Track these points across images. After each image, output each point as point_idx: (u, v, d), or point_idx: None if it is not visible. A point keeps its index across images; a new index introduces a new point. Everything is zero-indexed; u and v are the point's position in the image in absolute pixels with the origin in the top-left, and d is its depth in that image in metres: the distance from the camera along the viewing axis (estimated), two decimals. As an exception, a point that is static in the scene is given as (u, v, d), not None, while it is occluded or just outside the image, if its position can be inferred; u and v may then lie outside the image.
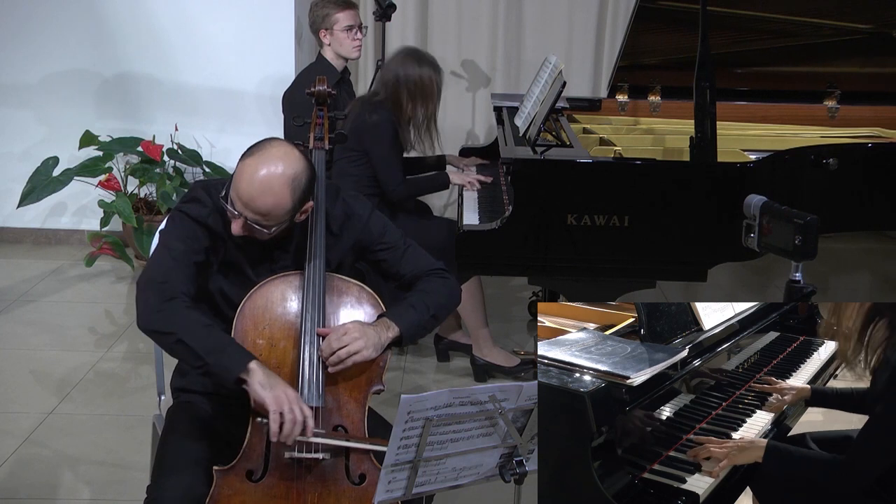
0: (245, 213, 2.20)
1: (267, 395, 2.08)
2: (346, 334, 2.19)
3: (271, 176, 2.18)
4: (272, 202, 2.19)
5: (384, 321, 2.27)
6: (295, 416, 2.07)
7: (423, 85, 3.96)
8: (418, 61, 3.99)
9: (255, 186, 2.18)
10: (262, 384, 2.09)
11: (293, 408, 2.08)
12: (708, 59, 3.29)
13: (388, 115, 3.94)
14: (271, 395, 2.08)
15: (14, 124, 5.53)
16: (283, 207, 2.20)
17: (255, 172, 2.18)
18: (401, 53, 4.07)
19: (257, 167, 2.19)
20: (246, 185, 2.19)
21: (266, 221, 2.21)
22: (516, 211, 3.30)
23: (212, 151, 5.49)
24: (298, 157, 2.24)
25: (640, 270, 3.36)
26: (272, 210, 2.20)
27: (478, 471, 1.98)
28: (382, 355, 2.25)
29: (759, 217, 2.26)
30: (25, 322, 4.54)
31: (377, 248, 2.43)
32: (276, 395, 2.08)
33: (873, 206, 3.72)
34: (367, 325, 2.24)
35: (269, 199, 2.18)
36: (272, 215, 2.21)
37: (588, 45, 6.13)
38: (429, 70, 3.98)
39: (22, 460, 3.32)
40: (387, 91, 3.97)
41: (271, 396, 2.08)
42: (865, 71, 4.42)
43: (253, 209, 2.19)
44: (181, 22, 5.43)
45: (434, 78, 3.99)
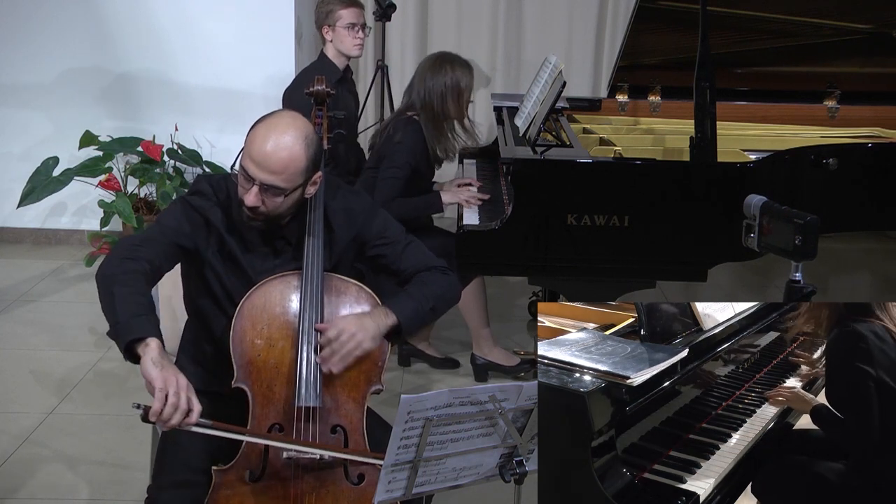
0: (259, 176, 2.18)
1: (155, 374, 1.99)
2: (344, 330, 2.19)
3: (285, 133, 2.19)
4: (287, 156, 2.18)
5: (382, 309, 2.26)
6: (179, 402, 1.98)
7: (458, 86, 3.97)
8: (450, 64, 3.99)
9: (269, 143, 2.17)
10: (155, 362, 2.00)
11: (179, 393, 1.98)
12: (708, 59, 3.29)
13: (415, 136, 3.93)
14: (160, 374, 1.99)
15: (14, 124, 5.53)
16: (298, 163, 2.19)
17: (268, 133, 2.19)
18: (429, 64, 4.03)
19: (269, 129, 2.20)
20: (259, 143, 2.18)
21: (281, 182, 2.19)
22: (516, 211, 3.29)
23: (212, 151, 5.49)
24: (307, 121, 2.26)
25: (640, 270, 3.35)
26: (287, 166, 2.18)
27: (478, 471, 1.98)
28: (381, 355, 2.25)
29: (759, 217, 2.26)
30: (25, 322, 4.54)
31: (377, 242, 2.42)
32: (165, 375, 1.99)
33: (873, 206, 3.72)
34: (364, 316, 2.24)
35: (283, 153, 2.17)
36: (288, 172, 2.19)
37: (588, 45, 6.13)
38: (460, 69, 3.99)
39: (22, 460, 3.32)
40: (423, 106, 3.95)
41: (160, 376, 1.98)
42: (865, 71, 4.42)
43: (267, 168, 2.18)
44: (181, 22, 5.43)
45: (465, 77, 3.99)
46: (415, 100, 4.00)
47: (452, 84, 3.96)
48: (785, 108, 4.44)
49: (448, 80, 3.96)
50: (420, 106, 3.97)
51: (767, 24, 4.31)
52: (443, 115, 3.97)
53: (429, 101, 3.95)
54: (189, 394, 2.00)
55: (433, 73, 3.98)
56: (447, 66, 3.99)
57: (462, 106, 4.01)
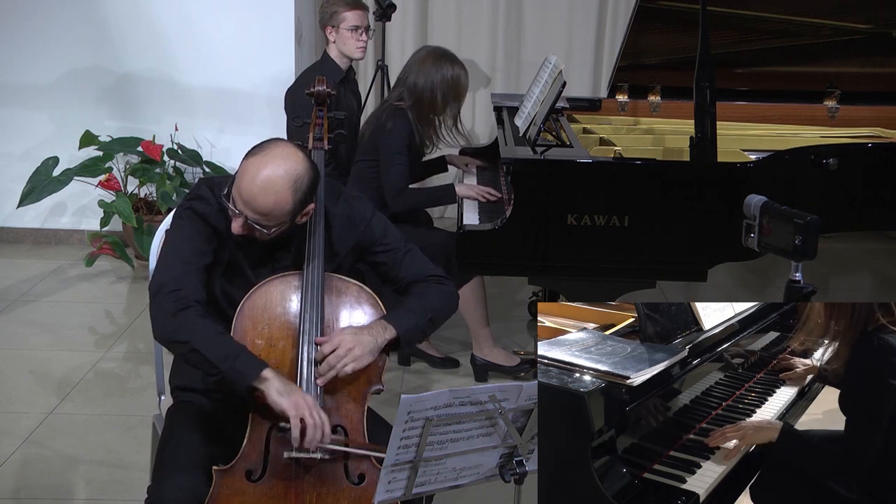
0: (245, 212, 2.20)
1: (286, 403, 2.08)
2: (341, 345, 2.19)
3: (273, 176, 2.18)
4: (273, 202, 2.18)
5: (381, 323, 2.27)
6: (316, 421, 2.07)
7: (458, 84, 3.97)
8: (451, 61, 3.99)
9: (257, 185, 2.17)
10: (280, 391, 2.09)
11: (313, 413, 2.08)
12: (708, 59, 3.29)
13: (404, 122, 3.93)
14: (290, 401, 2.08)
15: (14, 124, 5.53)
16: (283, 208, 2.20)
17: (258, 172, 2.18)
18: (430, 55, 4.03)
19: (260, 167, 2.19)
20: (248, 183, 2.18)
21: (266, 221, 2.21)
22: (516, 211, 3.30)
23: (212, 151, 5.49)
24: (302, 158, 2.24)
25: (640, 270, 3.36)
26: (273, 210, 2.19)
27: (478, 471, 1.98)
28: (381, 358, 2.25)
29: (759, 217, 2.26)
30: (25, 322, 4.54)
31: (377, 248, 2.43)
32: (295, 401, 2.08)
33: (873, 206, 3.72)
34: (363, 331, 2.24)
35: (269, 198, 2.18)
36: (272, 215, 2.20)
37: (588, 45, 6.13)
38: (460, 69, 3.99)
39: (22, 460, 3.32)
40: (414, 94, 3.94)
41: (291, 403, 2.07)
42: (865, 71, 4.42)
43: (253, 208, 2.19)
44: (181, 22, 5.43)
45: (464, 77, 4.00)
46: (406, 88, 3.97)
47: (452, 81, 3.95)
48: (785, 108, 4.44)
49: (449, 74, 3.95)
50: (410, 94, 3.95)
51: (767, 24, 4.31)
52: (432, 107, 3.95)
53: (422, 90, 3.93)
54: (318, 409, 2.10)
55: (435, 65, 3.96)
56: (448, 64, 3.98)
57: (457, 104, 4.01)
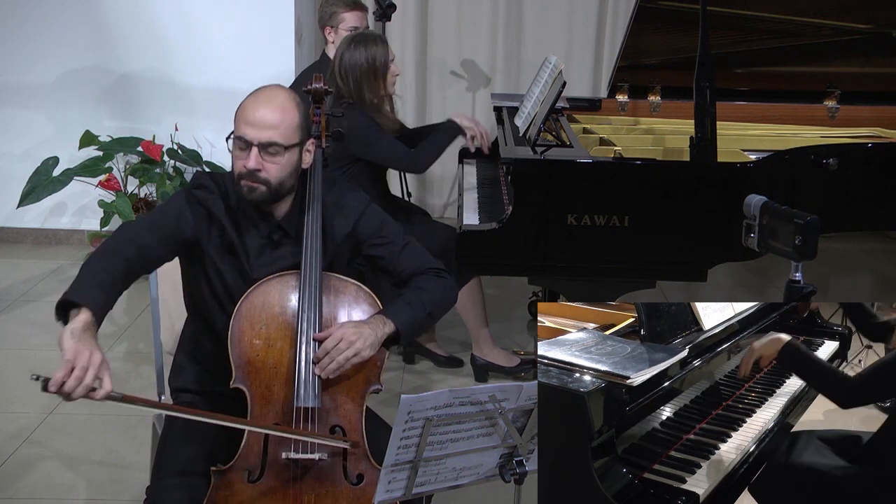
0: (257, 136, 2.24)
1: (69, 345, 1.92)
2: (343, 339, 2.18)
3: (274, 93, 2.30)
4: (281, 111, 2.27)
5: (380, 318, 2.26)
6: (84, 377, 1.91)
7: (377, 61, 3.81)
8: (364, 43, 3.83)
9: (261, 102, 2.28)
10: (73, 332, 1.95)
11: (88, 369, 1.91)
12: (708, 59, 3.29)
13: (358, 113, 3.78)
14: (74, 346, 1.92)
15: (14, 124, 5.53)
16: (292, 116, 2.28)
17: (258, 96, 2.31)
18: (342, 46, 3.88)
19: (257, 94, 2.32)
20: (252, 108, 2.28)
21: (279, 137, 2.25)
22: (516, 211, 3.29)
23: (212, 151, 5.49)
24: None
25: (640, 270, 3.35)
26: (283, 118, 2.26)
27: (478, 471, 1.98)
28: (380, 355, 2.25)
29: (759, 217, 2.26)
30: (25, 322, 4.54)
31: (374, 241, 2.42)
32: (78, 348, 1.92)
33: (873, 206, 3.72)
34: (363, 324, 2.24)
35: (277, 110, 2.27)
36: (284, 126, 2.26)
37: (588, 45, 6.13)
38: (373, 46, 3.83)
39: (22, 460, 3.32)
40: (348, 87, 3.83)
41: (73, 348, 1.92)
42: (865, 71, 4.42)
43: (264, 124, 2.25)
44: (181, 22, 5.43)
45: (381, 51, 3.83)
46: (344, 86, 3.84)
47: (370, 61, 3.80)
48: (785, 108, 4.44)
49: (363, 58, 3.80)
50: (348, 91, 3.83)
51: (767, 24, 4.30)
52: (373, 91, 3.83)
53: (353, 83, 3.81)
54: (100, 373, 1.93)
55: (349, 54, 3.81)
56: (361, 47, 3.82)
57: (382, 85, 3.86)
